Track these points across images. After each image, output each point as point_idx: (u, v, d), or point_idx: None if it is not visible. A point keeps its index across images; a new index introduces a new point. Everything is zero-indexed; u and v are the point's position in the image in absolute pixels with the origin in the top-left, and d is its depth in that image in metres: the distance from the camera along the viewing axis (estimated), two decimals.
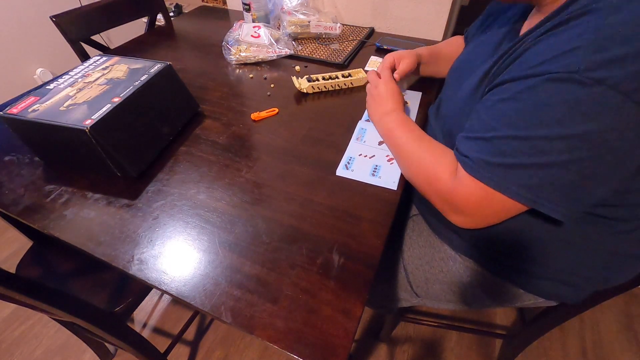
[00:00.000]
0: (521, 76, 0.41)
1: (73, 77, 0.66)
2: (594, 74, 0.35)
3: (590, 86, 0.35)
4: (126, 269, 0.49)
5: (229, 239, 0.53)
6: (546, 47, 0.40)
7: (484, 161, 0.44)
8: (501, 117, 0.43)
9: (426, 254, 0.66)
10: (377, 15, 1.18)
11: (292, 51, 1.00)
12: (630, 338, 1.10)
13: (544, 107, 0.39)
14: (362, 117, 0.76)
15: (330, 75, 0.85)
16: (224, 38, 1.01)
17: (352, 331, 0.42)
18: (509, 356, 0.98)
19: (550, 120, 0.38)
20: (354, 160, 0.65)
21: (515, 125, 0.41)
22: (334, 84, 0.85)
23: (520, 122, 0.41)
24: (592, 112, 0.36)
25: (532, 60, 0.41)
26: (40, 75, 1.80)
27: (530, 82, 0.40)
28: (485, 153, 0.44)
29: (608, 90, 0.35)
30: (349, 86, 0.86)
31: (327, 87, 0.85)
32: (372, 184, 0.61)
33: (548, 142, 0.39)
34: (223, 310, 0.44)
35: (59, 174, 0.64)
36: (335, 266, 0.49)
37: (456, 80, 0.64)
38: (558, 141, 0.38)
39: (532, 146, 0.40)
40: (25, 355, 1.05)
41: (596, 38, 0.36)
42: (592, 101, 0.36)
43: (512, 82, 0.43)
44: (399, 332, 1.12)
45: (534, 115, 0.40)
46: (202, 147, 0.70)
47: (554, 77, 0.38)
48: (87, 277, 0.76)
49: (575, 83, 0.36)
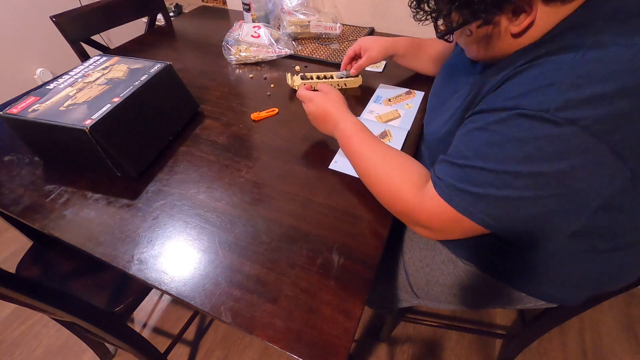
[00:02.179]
0: (496, 108, 0.41)
1: (73, 77, 0.66)
2: (567, 114, 0.35)
3: (562, 126, 0.35)
4: (126, 269, 0.49)
5: (228, 239, 0.53)
6: (523, 80, 0.40)
7: (454, 186, 0.44)
8: (473, 146, 0.43)
9: (426, 256, 0.66)
10: (377, 15, 1.18)
11: (292, 51, 1.00)
12: (630, 338, 1.10)
13: (514, 142, 0.39)
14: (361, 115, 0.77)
15: (325, 75, 0.85)
16: (224, 38, 1.01)
17: (352, 331, 0.42)
18: (509, 356, 0.98)
19: (520, 156, 0.38)
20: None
21: (486, 156, 0.41)
22: (328, 83, 0.84)
23: (490, 154, 0.41)
24: (563, 151, 0.36)
25: (508, 93, 0.41)
26: (40, 75, 1.80)
27: (504, 115, 0.40)
28: (456, 179, 0.44)
29: (580, 131, 0.34)
30: (342, 86, 0.86)
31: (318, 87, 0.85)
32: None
33: (516, 177, 0.39)
34: (223, 310, 0.44)
35: (59, 174, 0.64)
36: (335, 266, 0.49)
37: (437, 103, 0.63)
38: (526, 178, 0.39)
39: (500, 179, 0.40)
40: (25, 355, 1.05)
41: (573, 75, 0.35)
42: (563, 141, 0.36)
43: (488, 113, 0.42)
44: (399, 332, 1.12)
45: (504, 149, 0.39)
46: (202, 147, 0.70)
47: (526, 112, 0.37)
48: (87, 277, 0.76)
49: (546, 122, 0.36)
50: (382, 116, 0.77)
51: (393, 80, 0.89)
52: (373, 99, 0.82)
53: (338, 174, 0.63)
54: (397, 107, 0.79)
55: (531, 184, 0.39)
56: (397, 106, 0.80)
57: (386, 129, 0.72)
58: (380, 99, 0.82)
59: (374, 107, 0.80)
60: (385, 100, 0.82)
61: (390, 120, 0.76)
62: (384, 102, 0.81)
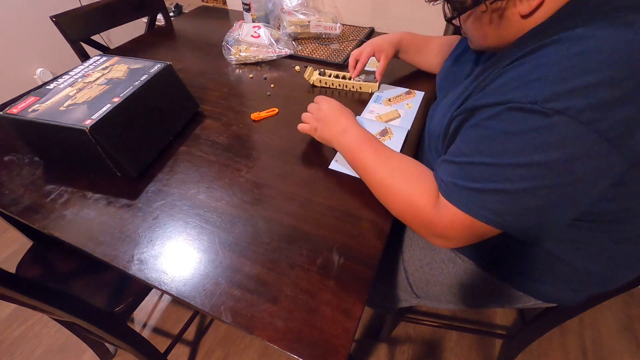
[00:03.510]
0: (489, 103, 0.42)
1: (73, 77, 0.66)
2: (555, 105, 0.36)
3: (551, 116, 0.36)
4: (126, 269, 0.49)
5: (228, 239, 0.53)
6: (513, 75, 0.41)
7: (455, 184, 0.44)
8: (470, 142, 0.44)
9: (426, 255, 0.66)
10: (377, 15, 1.18)
11: (292, 51, 1.00)
12: (630, 338, 1.10)
13: (507, 136, 0.40)
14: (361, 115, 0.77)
15: (344, 75, 0.85)
16: (224, 38, 1.01)
17: (352, 331, 0.42)
18: (509, 356, 0.98)
19: (513, 148, 0.39)
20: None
21: (482, 151, 0.42)
22: (343, 84, 0.85)
23: (486, 149, 0.42)
24: (554, 141, 0.37)
25: (499, 89, 0.42)
26: (40, 75, 1.80)
27: (497, 110, 0.41)
28: (456, 177, 0.45)
29: (569, 120, 0.35)
30: (358, 89, 0.85)
31: (335, 85, 0.86)
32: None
33: (512, 169, 0.40)
34: (223, 310, 0.44)
35: (59, 174, 0.64)
36: (335, 266, 0.49)
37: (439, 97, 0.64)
38: (522, 169, 0.39)
39: (498, 173, 0.41)
40: (25, 355, 1.05)
41: (558, 68, 0.37)
42: (553, 131, 0.37)
43: (481, 109, 0.43)
44: (399, 332, 1.12)
45: (499, 143, 0.41)
46: (202, 147, 0.70)
47: (516, 106, 0.38)
48: (87, 277, 0.76)
49: (535, 113, 0.37)
50: (382, 116, 0.77)
51: (391, 81, 0.89)
52: (373, 99, 0.82)
53: (338, 174, 0.63)
54: (397, 107, 0.79)
55: (528, 175, 0.39)
56: (397, 106, 0.80)
57: (387, 127, 0.72)
58: (380, 99, 0.82)
59: (374, 107, 0.80)
60: (385, 100, 0.82)
61: (391, 120, 0.76)
62: (383, 102, 0.81)
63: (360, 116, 0.76)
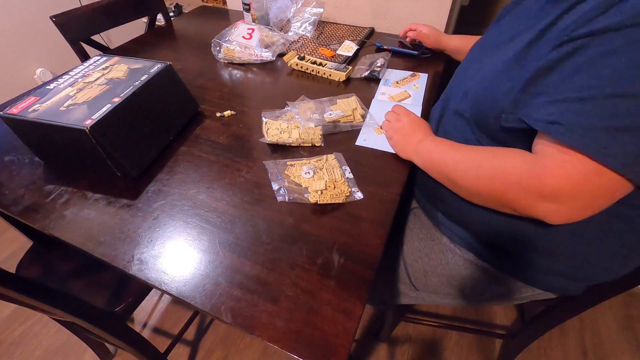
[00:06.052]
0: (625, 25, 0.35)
1: (73, 77, 0.66)
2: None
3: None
4: (126, 269, 0.49)
5: (229, 239, 0.53)
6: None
7: (581, 125, 0.37)
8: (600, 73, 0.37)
9: (425, 246, 0.66)
10: (377, 15, 1.18)
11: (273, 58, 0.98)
12: (630, 338, 1.10)
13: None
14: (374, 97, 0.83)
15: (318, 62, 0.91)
16: (218, 35, 1.01)
17: (352, 331, 0.42)
18: (509, 356, 0.98)
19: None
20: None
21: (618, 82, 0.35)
22: (316, 69, 0.90)
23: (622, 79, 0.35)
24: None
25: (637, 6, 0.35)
26: (40, 75, 1.80)
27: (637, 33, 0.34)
28: (582, 115, 0.37)
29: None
30: (328, 76, 0.90)
31: (309, 70, 0.91)
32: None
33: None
34: (223, 310, 0.44)
35: (59, 174, 0.64)
36: (335, 266, 0.49)
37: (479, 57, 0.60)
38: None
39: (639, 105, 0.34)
40: (25, 355, 1.05)
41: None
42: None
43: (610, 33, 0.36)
44: (399, 332, 1.12)
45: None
46: (202, 147, 0.70)
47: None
48: (87, 277, 0.76)
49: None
50: (394, 97, 0.83)
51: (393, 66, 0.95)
52: (382, 82, 0.88)
53: None
54: (405, 89, 0.85)
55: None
56: (405, 87, 0.86)
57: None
58: (389, 82, 0.88)
59: (385, 89, 0.86)
60: (394, 83, 0.88)
61: (402, 100, 0.82)
62: (392, 84, 0.87)
63: (374, 98, 0.81)
